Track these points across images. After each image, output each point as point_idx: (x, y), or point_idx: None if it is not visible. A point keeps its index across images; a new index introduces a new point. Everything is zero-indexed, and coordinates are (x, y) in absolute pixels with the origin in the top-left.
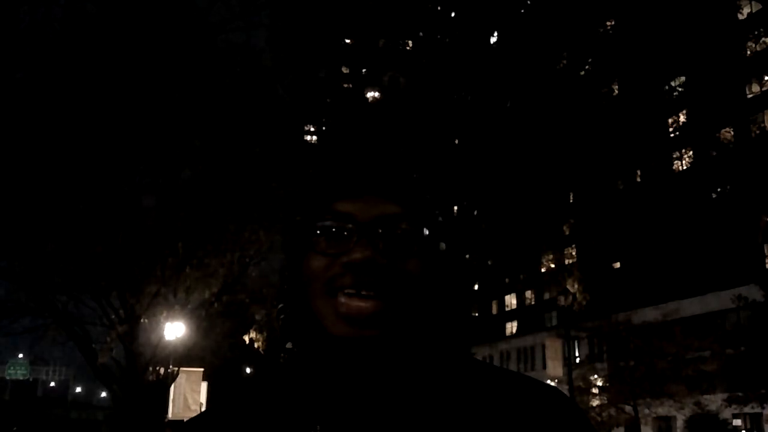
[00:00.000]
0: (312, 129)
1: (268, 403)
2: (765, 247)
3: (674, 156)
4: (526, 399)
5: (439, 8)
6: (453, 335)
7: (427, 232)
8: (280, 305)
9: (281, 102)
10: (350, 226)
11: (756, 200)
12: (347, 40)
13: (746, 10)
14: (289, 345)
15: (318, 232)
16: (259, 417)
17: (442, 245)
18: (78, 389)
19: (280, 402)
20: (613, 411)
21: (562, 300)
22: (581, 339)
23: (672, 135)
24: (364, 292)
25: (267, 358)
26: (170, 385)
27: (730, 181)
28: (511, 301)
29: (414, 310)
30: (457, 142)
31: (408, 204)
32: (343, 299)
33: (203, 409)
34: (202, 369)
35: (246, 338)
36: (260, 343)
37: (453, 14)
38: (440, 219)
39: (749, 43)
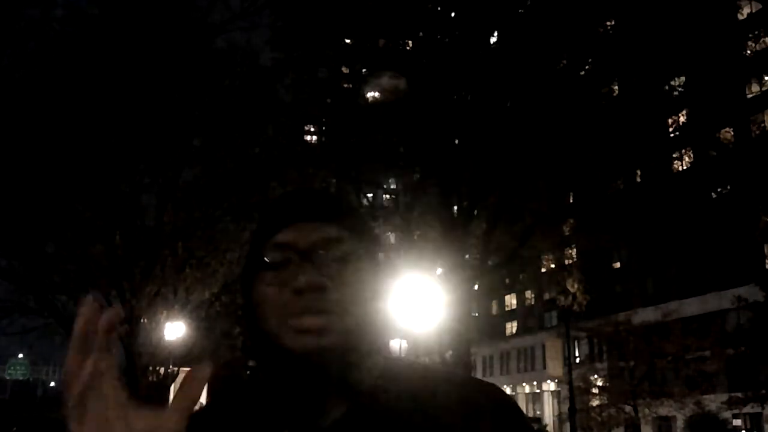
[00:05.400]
0: (312, 129)
1: (239, 408)
2: (765, 247)
3: (674, 156)
4: (462, 392)
5: (439, 8)
6: (385, 341)
7: (365, 247)
8: (239, 329)
9: (281, 102)
10: (291, 254)
11: (756, 200)
12: (347, 40)
13: (746, 10)
14: (251, 363)
15: (264, 264)
16: (231, 421)
17: (381, 255)
18: None
19: (250, 409)
20: (613, 411)
21: (562, 300)
22: (581, 339)
23: (672, 135)
24: (314, 312)
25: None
26: (170, 385)
27: (730, 181)
28: (511, 301)
29: (359, 322)
30: (457, 142)
31: (343, 223)
32: (295, 320)
33: None
34: None
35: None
36: None
37: (453, 14)
38: (376, 231)
39: (749, 43)
